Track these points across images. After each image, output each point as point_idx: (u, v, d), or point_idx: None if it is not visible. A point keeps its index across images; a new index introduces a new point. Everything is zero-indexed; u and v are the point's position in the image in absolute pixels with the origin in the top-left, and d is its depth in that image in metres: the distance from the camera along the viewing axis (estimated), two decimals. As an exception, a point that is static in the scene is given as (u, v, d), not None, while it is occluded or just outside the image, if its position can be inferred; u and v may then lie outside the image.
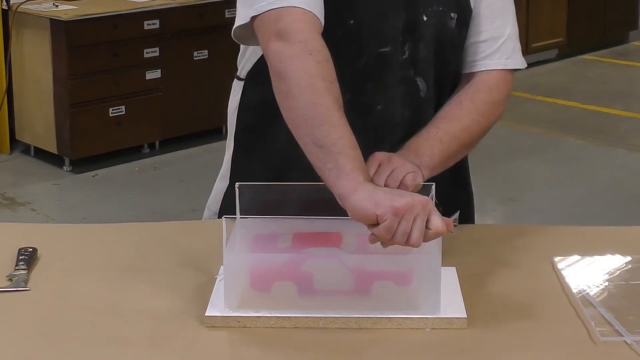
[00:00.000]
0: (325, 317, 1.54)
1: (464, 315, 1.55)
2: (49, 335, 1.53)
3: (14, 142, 5.83)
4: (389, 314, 1.54)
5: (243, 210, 1.70)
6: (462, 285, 1.65)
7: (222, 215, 1.76)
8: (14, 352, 1.49)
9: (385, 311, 1.54)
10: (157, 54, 5.71)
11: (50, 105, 5.51)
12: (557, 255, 1.79)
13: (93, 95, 5.50)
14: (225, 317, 1.55)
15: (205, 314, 1.55)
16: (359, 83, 1.82)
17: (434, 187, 1.66)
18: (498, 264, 1.77)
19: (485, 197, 4.89)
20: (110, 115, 5.58)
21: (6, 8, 5.61)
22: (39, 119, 5.60)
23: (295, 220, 1.69)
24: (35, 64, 5.54)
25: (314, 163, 1.59)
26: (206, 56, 5.92)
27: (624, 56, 8.43)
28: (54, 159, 5.61)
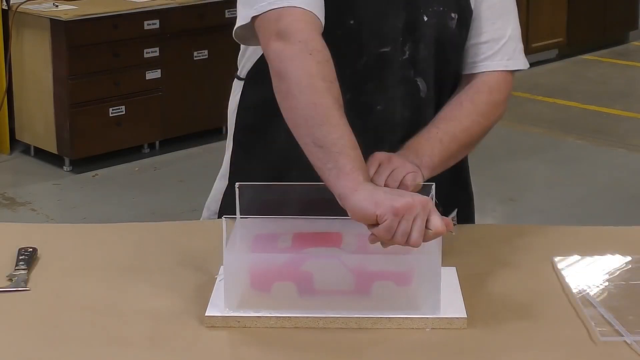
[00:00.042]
0: (325, 317, 1.54)
1: (464, 315, 1.55)
2: (49, 335, 1.53)
3: (14, 142, 5.83)
4: (389, 314, 1.54)
5: (243, 210, 1.70)
6: (462, 285, 1.65)
7: (222, 215, 1.76)
8: (14, 352, 1.49)
9: (385, 311, 1.54)
10: (157, 54, 5.71)
11: (50, 105, 5.51)
12: (557, 255, 1.79)
13: (93, 95, 5.50)
14: (225, 317, 1.54)
15: (205, 314, 1.55)
16: (359, 83, 1.82)
17: (434, 187, 1.66)
18: (498, 264, 1.77)
19: (485, 197, 4.89)
20: (110, 115, 5.58)
21: (6, 8, 5.61)
22: (39, 119, 5.60)
23: (295, 220, 1.69)
24: (35, 64, 5.54)
25: (314, 163, 1.59)
26: (206, 56, 5.92)
27: (624, 56, 8.43)
28: (54, 159, 5.61)
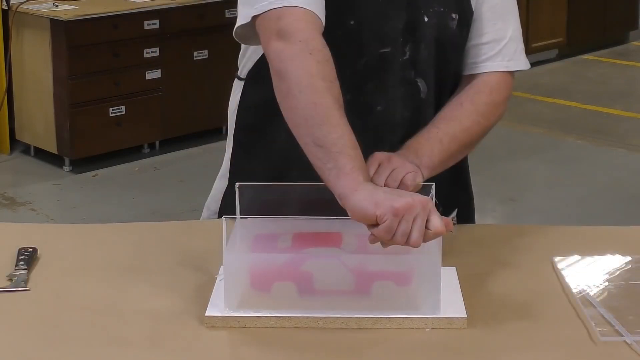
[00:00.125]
0: (325, 317, 1.54)
1: (464, 315, 1.55)
2: (49, 335, 1.53)
3: (14, 142, 5.83)
4: (389, 314, 1.54)
5: (243, 210, 1.69)
6: (462, 285, 1.64)
7: (222, 214, 1.76)
8: (14, 352, 1.48)
9: (385, 311, 1.54)
10: (157, 54, 5.71)
11: (50, 105, 5.51)
12: (557, 255, 1.79)
13: (93, 95, 5.50)
14: (225, 317, 1.54)
15: (205, 314, 1.55)
16: (359, 83, 1.82)
17: (433, 187, 1.66)
18: (498, 264, 1.77)
19: (485, 197, 4.89)
20: (110, 115, 5.58)
21: (6, 8, 5.61)
22: (39, 119, 5.60)
23: (295, 220, 1.69)
24: (35, 64, 5.54)
25: (314, 163, 1.59)
26: (206, 56, 5.92)
27: (624, 56, 8.43)
28: (54, 159, 5.61)
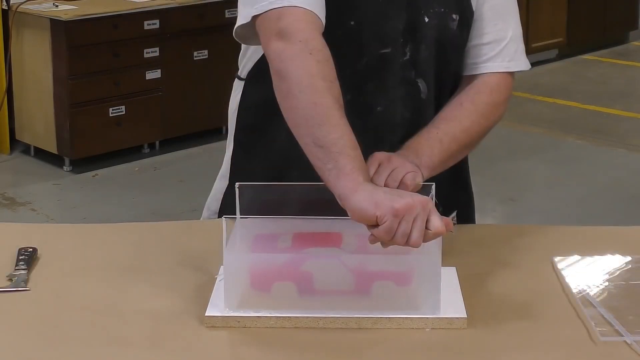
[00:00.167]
0: (325, 317, 1.54)
1: (464, 315, 1.55)
2: (49, 335, 1.53)
3: (14, 142, 5.83)
4: (389, 314, 1.54)
5: (243, 210, 1.69)
6: (462, 285, 1.64)
7: (223, 214, 1.76)
8: (14, 352, 1.48)
9: (385, 311, 1.54)
10: (157, 54, 5.71)
11: (50, 105, 5.51)
12: (557, 255, 1.79)
13: (93, 95, 5.50)
14: (225, 317, 1.54)
15: (205, 314, 1.55)
16: (359, 84, 1.82)
17: (433, 187, 1.66)
18: (498, 264, 1.77)
19: (485, 197, 4.89)
20: (110, 115, 5.58)
21: (6, 8, 5.61)
22: (39, 119, 5.60)
23: (295, 220, 1.69)
24: (35, 64, 5.54)
25: (314, 163, 1.59)
26: (206, 56, 5.92)
27: (624, 56, 8.43)
28: (54, 159, 5.61)
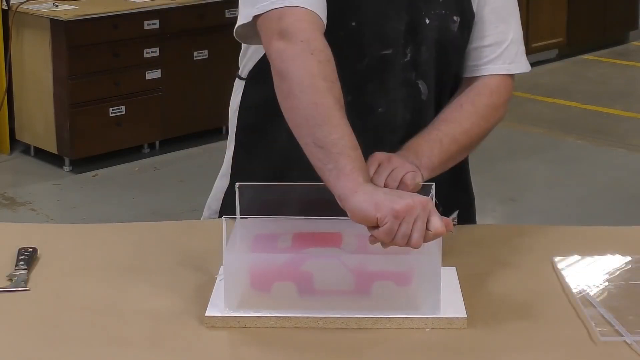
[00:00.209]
0: (325, 317, 1.54)
1: (464, 315, 1.55)
2: (49, 335, 1.53)
3: (14, 142, 5.82)
4: (389, 314, 1.54)
5: (243, 210, 1.69)
6: (462, 285, 1.64)
7: (223, 214, 1.76)
8: (14, 352, 1.48)
9: (385, 311, 1.54)
10: (157, 54, 5.71)
11: (50, 105, 5.51)
12: (557, 255, 1.79)
13: (93, 95, 5.50)
14: (225, 317, 1.54)
15: (205, 314, 1.55)
16: (360, 84, 1.82)
17: (433, 187, 1.66)
18: (498, 264, 1.77)
19: (485, 197, 4.88)
20: (110, 115, 5.58)
21: (6, 8, 5.61)
22: (39, 119, 5.60)
23: (295, 220, 1.69)
24: (35, 64, 5.54)
25: (314, 163, 1.59)
26: (206, 56, 5.91)
27: (624, 56, 8.43)
28: (54, 159, 5.61)
